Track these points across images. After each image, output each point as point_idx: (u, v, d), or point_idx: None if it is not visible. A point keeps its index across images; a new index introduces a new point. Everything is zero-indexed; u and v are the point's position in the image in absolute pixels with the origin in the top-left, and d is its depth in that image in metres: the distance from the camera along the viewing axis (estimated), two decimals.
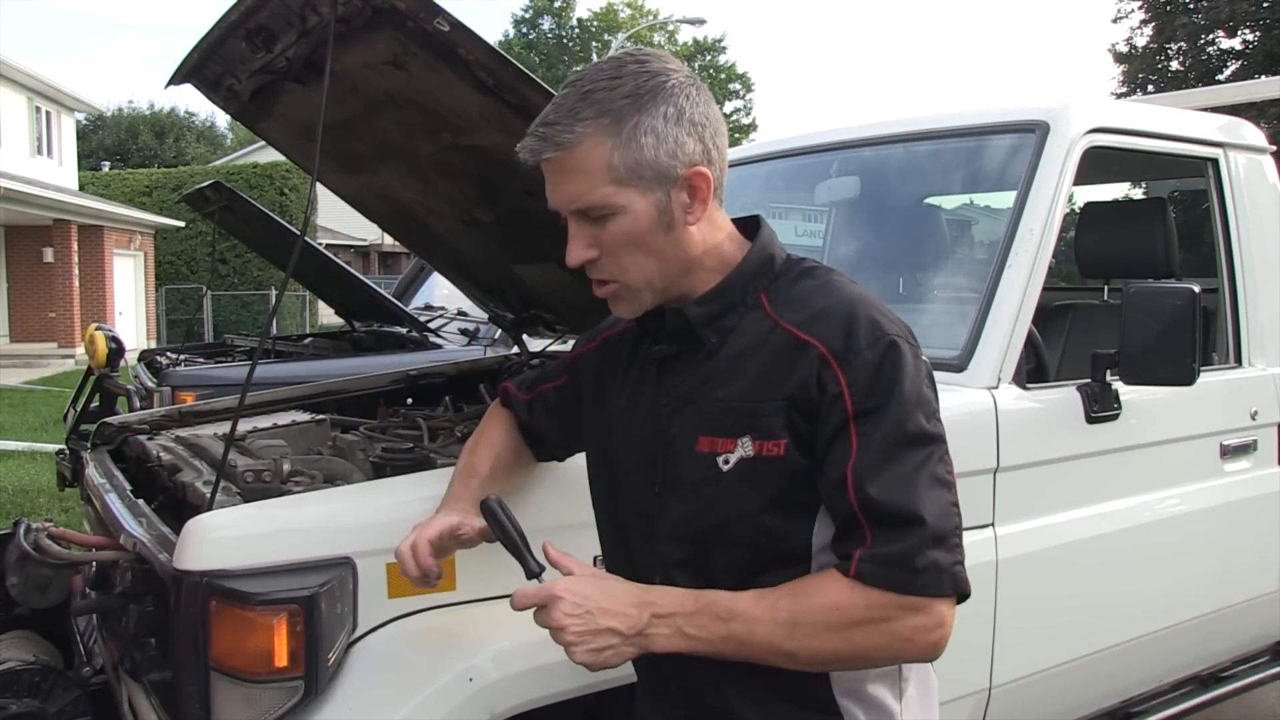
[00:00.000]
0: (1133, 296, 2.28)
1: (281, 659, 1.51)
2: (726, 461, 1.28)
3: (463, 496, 1.55)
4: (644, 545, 1.40)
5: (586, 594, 1.25)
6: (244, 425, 2.62)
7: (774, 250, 1.37)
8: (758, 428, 1.26)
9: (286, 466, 2.05)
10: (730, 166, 1.38)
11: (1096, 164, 2.79)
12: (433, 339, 5.75)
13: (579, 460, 1.60)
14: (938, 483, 1.22)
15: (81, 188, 23.17)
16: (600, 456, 1.51)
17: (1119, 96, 18.53)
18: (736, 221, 1.41)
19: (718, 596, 1.26)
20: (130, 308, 22.32)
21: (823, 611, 1.21)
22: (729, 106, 46.49)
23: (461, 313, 5.89)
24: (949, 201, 3.43)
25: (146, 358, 6.14)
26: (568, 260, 1.30)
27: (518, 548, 1.31)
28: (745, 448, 1.27)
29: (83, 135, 34.01)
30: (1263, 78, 13.01)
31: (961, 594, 1.22)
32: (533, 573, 1.29)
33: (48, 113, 22.57)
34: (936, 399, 1.29)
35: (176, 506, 2.15)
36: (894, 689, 1.33)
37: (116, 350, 3.51)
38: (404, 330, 6.02)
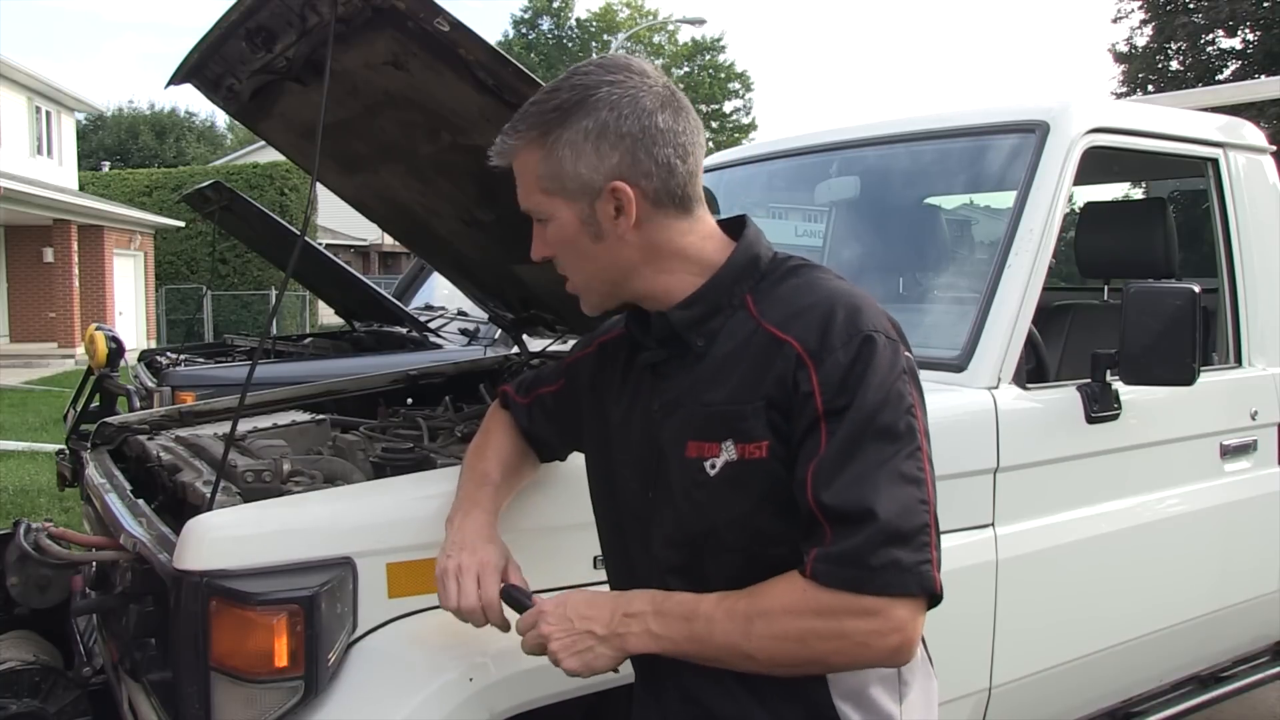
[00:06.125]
0: (1133, 296, 2.28)
1: (281, 659, 1.51)
2: (713, 466, 1.27)
3: (479, 503, 1.55)
4: (641, 550, 1.40)
5: (566, 603, 1.32)
6: (244, 425, 2.62)
7: (759, 250, 1.36)
8: (739, 430, 1.25)
9: (286, 466, 2.05)
10: (730, 166, 1.40)
11: (1096, 164, 2.80)
12: (433, 339, 5.74)
13: (578, 460, 1.60)
14: (903, 479, 1.18)
15: (81, 188, 23.17)
16: (598, 461, 1.51)
17: (1119, 96, 18.53)
18: (724, 222, 1.40)
19: (684, 596, 1.28)
20: (130, 308, 22.32)
21: (776, 615, 1.20)
22: (728, 106, 46.51)
23: (461, 313, 5.89)
24: (949, 201, 3.42)
25: (146, 358, 6.14)
26: (533, 256, 1.39)
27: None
28: (729, 451, 1.26)
29: (83, 135, 34.01)
30: (1263, 78, 13.03)
31: (930, 594, 1.18)
32: None
33: (48, 113, 22.57)
34: (919, 395, 1.25)
35: (176, 506, 2.15)
36: (894, 692, 1.32)
37: (116, 350, 3.52)
38: (404, 330, 6.02)
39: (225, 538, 1.59)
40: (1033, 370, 2.38)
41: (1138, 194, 5.73)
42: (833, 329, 1.23)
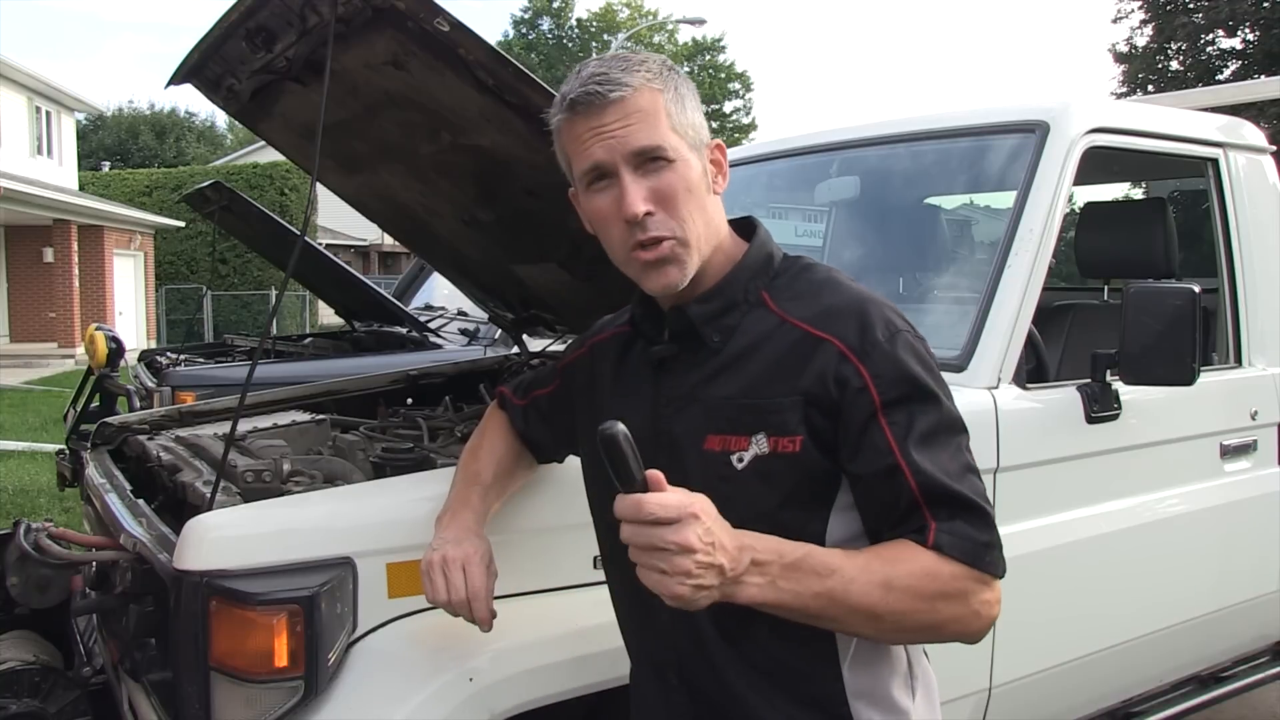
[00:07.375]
0: (1133, 296, 2.28)
1: (281, 659, 1.51)
2: (740, 459, 1.27)
3: (468, 503, 1.56)
4: None
5: (716, 522, 1.14)
6: (244, 425, 2.62)
7: (772, 249, 1.39)
8: (771, 424, 1.26)
9: (286, 466, 2.05)
10: (730, 166, 1.40)
11: (1096, 164, 2.79)
12: (433, 339, 5.75)
13: (576, 460, 1.60)
14: (972, 469, 1.26)
15: (81, 188, 23.16)
16: (595, 462, 1.51)
17: (1119, 96, 18.54)
18: (731, 223, 1.42)
19: (814, 549, 1.20)
20: (130, 308, 22.31)
21: (916, 576, 1.20)
22: (728, 106, 46.49)
23: (461, 313, 5.89)
24: (949, 202, 3.42)
25: (146, 358, 6.15)
26: (631, 209, 1.25)
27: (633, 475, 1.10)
28: (760, 445, 1.26)
29: (83, 135, 34.01)
30: (1263, 78, 13.02)
31: (1001, 575, 1.25)
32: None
33: (48, 113, 22.56)
34: None
35: (176, 506, 2.15)
36: (907, 687, 1.34)
37: (116, 350, 3.52)
38: (404, 330, 6.02)
39: (225, 538, 1.59)
40: (1033, 370, 2.39)
41: (1138, 194, 5.73)
42: (872, 327, 1.26)
